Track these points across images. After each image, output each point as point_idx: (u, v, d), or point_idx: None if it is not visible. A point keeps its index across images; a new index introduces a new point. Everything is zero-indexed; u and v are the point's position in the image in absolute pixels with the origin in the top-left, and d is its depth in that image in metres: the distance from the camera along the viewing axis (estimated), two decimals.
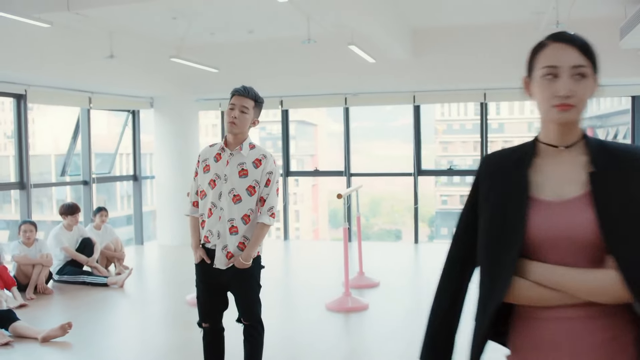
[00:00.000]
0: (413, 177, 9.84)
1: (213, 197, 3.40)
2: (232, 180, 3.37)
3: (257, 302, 3.53)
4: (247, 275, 3.42)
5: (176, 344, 5.05)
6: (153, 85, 9.30)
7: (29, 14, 5.33)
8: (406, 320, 5.72)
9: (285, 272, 8.43)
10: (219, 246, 3.39)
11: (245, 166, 3.38)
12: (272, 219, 3.41)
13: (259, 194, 3.39)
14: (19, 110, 7.90)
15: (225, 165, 3.40)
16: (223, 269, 3.39)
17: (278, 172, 3.48)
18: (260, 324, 3.55)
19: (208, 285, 3.49)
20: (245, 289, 3.46)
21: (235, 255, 3.38)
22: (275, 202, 3.44)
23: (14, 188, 8.02)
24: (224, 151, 3.42)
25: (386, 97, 9.90)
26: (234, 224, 3.37)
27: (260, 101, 3.45)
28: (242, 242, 3.39)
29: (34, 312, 5.98)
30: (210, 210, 3.41)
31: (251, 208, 3.39)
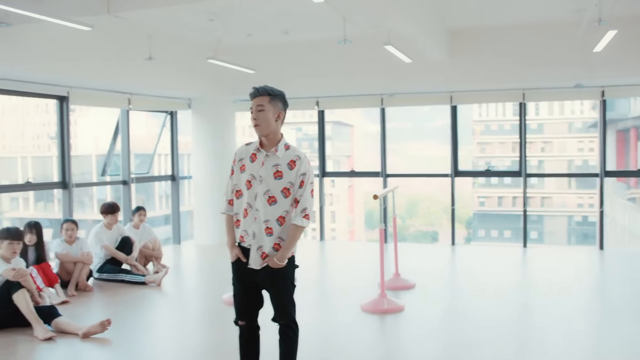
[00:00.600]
0: (450, 178, 9.74)
1: (249, 197, 3.42)
2: (267, 182, 3.38)
3: (291, 302, 3.53)
4: (281, 275, 3.43)
5: (212, 343, 5.09)
6: (190, 87, 9.41)
7: (71, 17, 5.44)
8: (443, 323, 5.66)
9: (320, 273, 8.43)
10: (254, 246, 3.41)
11: (280, 168, 3.38)
12: (305, 220, 3.39)
13: (293, 195, 3.40)
14: (61, 112, 8.09)
15: (260, 166, 3.40)
16: (257, 269, 3.41)
17: (312, 173, 3.46)
18: (295, 324, 3.55)
19: (244, 283, 3.51)
20: (280, 289, 3.47)
21: (270, 256, 3.39)
22: (309, 203, 3.42)
23: (57, 187, 8.21)
24: (260, 152, 3.44)
25: (423, 98, 9.82)
26: (269, 225, 3.38)
27: (275, 93, 3.42)
28: (277, 243, 3.40)
29: (74, 308, 6.11)
30: (245, 210, 3.43)
31: (286, 209, 3.39)
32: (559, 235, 22.68)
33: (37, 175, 16.50)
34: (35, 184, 8.22)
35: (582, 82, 8.58)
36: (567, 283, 7.07)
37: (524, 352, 4.75)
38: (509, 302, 6.26)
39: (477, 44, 8.51)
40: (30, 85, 7.54)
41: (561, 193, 22.71)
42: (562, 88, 9.03)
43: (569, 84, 8.74)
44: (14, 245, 5.50)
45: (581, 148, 22.81)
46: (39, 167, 16.54)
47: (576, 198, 22.69)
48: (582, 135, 22.53)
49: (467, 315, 5.81)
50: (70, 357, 4.80)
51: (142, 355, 4.80)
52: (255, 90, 3.42)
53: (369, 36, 7.97)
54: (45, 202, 15.13)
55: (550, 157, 23.29)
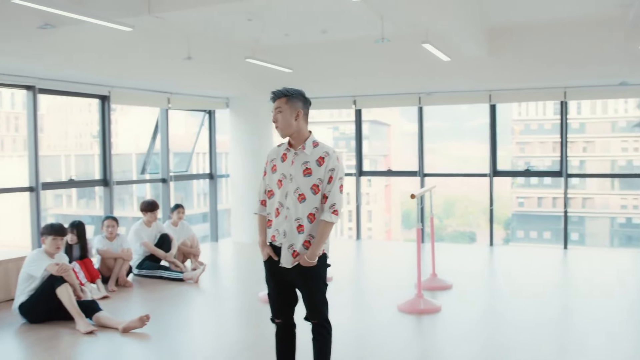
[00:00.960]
0: (488, 178, 9.61)
1: (280, 196, 3.45)
2: (297, 180, 3.40)
3: (324, 301, 3.52)
4: (313, 274, 3.43)
5: (249, 341, 5.13)
6: (229, 86, 9.49)
7: (112, 18, 5.54)
8: (480, 324, 5.59)
9: (356, 272, 8.42)
10: (285, 245, 3.43)
11: (309, 165, 3.40)
12: (334, 216, 3.38)
13: (322, 191, 3.40)
14: (103, 111, 8.26)
15: (290, 164, 3.43)
16: (289, 267, 3.42)
17: (341, 169, 3.45)
18: (328, 323, 3.54)
19: (277, 282, 3.54)
20: (311, 288, 3.47)
21: (301, 254, 3.39)
22: (337, 199, 3.40)
23: (99, 185, 8.39)
24: (289, 151, 3.47)
25: (461, 97, 9.71)
26: (300, 222, 3.40)
27: (291, 93, 3.45)
28: (307, 240, 3.40)
29: (114, 303, 6.23)
30: (277, 209, 3.46)
31: (316, 206, 3.40)
32: (601, 237, 22.15)
33: (79, 173, 16.89)
34: (78, 181, 8.42)
35: (627, 80, 8.35)
36: (609, 285, 6.90)
37: (563, 354, 4.66)
38: (549, 304, 6.14)
39: (517, 41, 8.37)
40: (73, 85, 7.73)
41: (604, 194, 22.17)
42: (606, 86, 8.81)
43: (613, 81, 8.51)
44: (57, 240, 5.63)
45: (625, 148, 22.22)
46: (82, 165, 16.93)
47: (619, 199, 22.12)
48: (626, 134, 21.94)
49: (505, 317, 5.72)
50: (111, 351, 4.90)
51: (180, 351, 4.87)
52: (272, 93, 3.47)
53: (406, 34, 7.92)
54: (87, 200, 15.48)
55: (593, 157, 22.75)
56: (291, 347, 3.65)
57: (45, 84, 7.35)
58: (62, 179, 9.35)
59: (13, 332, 5.35)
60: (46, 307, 5.44)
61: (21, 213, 11.87)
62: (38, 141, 7.47)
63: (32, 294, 5.49)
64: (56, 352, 4.81)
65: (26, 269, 5.53)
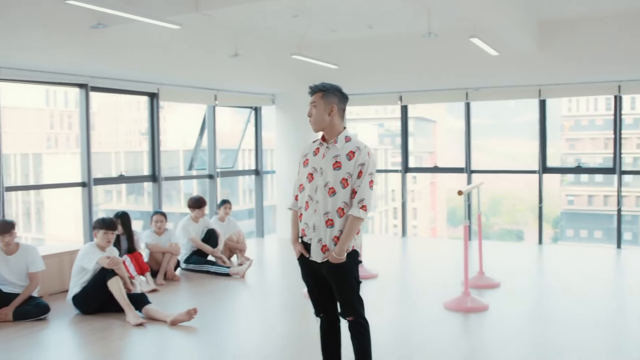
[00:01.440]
0: (538, 175, 9.40)
1: (310, 190, 3.45)
2: (327, 173, 3.40)
3: (357, 298, 3.48)
4: (343, 270, 3.40)
5: (294, 335, 5.16)
6: (275, 82, 9.54)
7: (161, 16, 5.64)
8: (529, 323, 5.48)
9: (402, 269, 8.36)
10: (315, 239, 3.43)
11: (339, 158, 3.39)
12: (362, 212, 3.34)
13: (351, 185, 3.38)
14: (152, 108, 8.42)
15: (321, 158, 3.44)
16: (319, 262, 3.42)
17: (372, 165, 3.41)
18: (364, 320, 3.50)
19: (313, 278, 3.55)
20: (342, 284, 3.44)
21: (330, 250, 3.38)
22: (367, 194, 3.36)
23: (147, 181, 8.56)
24: (322, 145, 3.48)
25: (509, 92, 9.50)
26: (329, 217, 3.39)
27: (327, 88, 3.46)
28: (337, 235, 3.39)
29: (163, 296, 6.35)
30: (307, 203, 3.46)
31: (345, 201, 3.37)
32: None
33: (128, 170, 17.27)
34: (128, 177, 8.60)
35: None
36: None
37: (615, 355, 4.53)
38: (601, 304, 5.97)
39: (569, 34, 8.15)
40: (123, 83, 7.89)
41: None
42: None
43: None
44: (108, 234, 5.77)
45: None
46: (131, 161, 17.32)
47: None
48: None
49: (555, 317, 5.59)
50: (159, 343, 4.99)
51: (226, 345, 4.93)
52: (309, 88, 3.50)
53: (453, 29, 7.80)
54: (136, 195, 15.83)
55: None
56: (336, 341, 3.65)
57: (97, 82, 7.53)
58: (112, 175, 9.62)
59: (67, 322, 5.51)
60: (98, 299, 5.59)
61: (73, 208, 12.22)
62: (90, 138, 7.65)
63: (84, 286, 5.64)
64: (108, 342, 4.93)
65: (79, 262, 5.69)
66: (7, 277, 5.59)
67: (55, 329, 5.34)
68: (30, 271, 5.67)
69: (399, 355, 4.57)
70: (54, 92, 17.69)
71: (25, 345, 4.90)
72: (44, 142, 18.50)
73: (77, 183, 7.67)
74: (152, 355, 4.73)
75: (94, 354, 4.73)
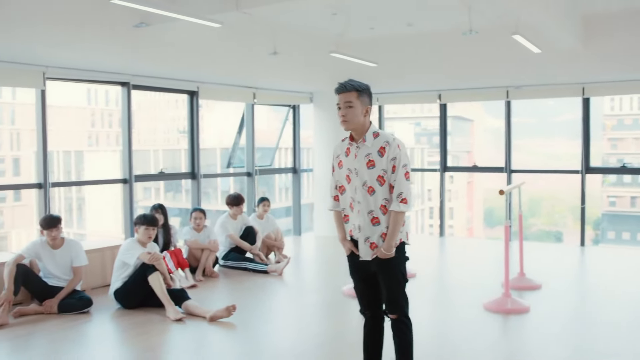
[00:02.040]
0: (580, 175, 9.20)
1: (350, 191, 3.45)
2: (362, 173, 3.39)
3: (402, 295, 3.47)
4: (391, 266, 3.40)
5: (331, 335, 5.15)
6: (313, 80, 9.54)
7: (202, 15, 5.68)
8: (571, 325, 5.37)
9: (440, 269, 8.29)
10: (361, 239, 3.43)
11: (371, 157, 3.37)
12: (403, 205, 3.31)
13: (388, 181, 3.35)
14: (191, 106, 8.51)
15: (354, 158, 3.42)
16: (369, 260, 3.42)
17: (404, 156, 3.36)
18: (408, 319, 3.49)
19: (360, 276, 3.55)
20: (390, 281, 3.44)
21: (378, 247, 3.38)
22: (404, 187, 3.33)
23: (187, 178, 8.67)
24: (351, 145, 3.46)
25: (552, 90, 9.31)
26: (374, 215, 3.38)
27: (363, 88, 3.41)
28: (384, 232, 3.38)
29: (201, 292, 6.41)
30: (351, 204, 3.47)
31: (386, 197, 3.36)
32: None
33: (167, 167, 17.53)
34: (168, 174, 8.72)
35: None
36: None
37: None
38: None
39: (615, 30, 7.91)
40: (164, 81, 8.00)
41: None
42: None
43: None
44: (149, 230, 5.86)
45: None
46: (169, 159, 17.55)
47: None
48: None
49: (597, 320, 5.46)
50: (199, 338, 5.04)
51: (264, 342, 4.96)
52: (343, 85, 3.41)
53: (494, 26, 7.67)
54: (174, 193, 16.03)
55: None
56: (378, 340, 3.64)
57: (138, 81, 7.65)
58: (151, 172, 9.77)
59: (109, 315, 5.62)
60: (139, 293, 5.68)
61: (112, 204, 12.44)
62: (132, 135, 7.78)
63: (125, 280, 5.74)
64: (148, 337, 5.00)
65: (121, 257, 5.79)
66: (52, 271, 5.73)
67: (97, 323, 5.45)
68: (74, 265, 5.80)
69: (438, 356, 4.53)
70: (95, 91, 18.05)
71: (69, 337, 5.01)
72: (86, 140, 18.91)
73: (119, 180, 7.81)
74: (191, 350, 4.78)
75: (134, 348, 4.81)
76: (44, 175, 6.81)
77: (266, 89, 9.46)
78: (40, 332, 5.14)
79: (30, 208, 14.67)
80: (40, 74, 6.61)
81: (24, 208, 15.89)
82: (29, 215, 14.92)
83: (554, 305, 5.94)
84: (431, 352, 4.55)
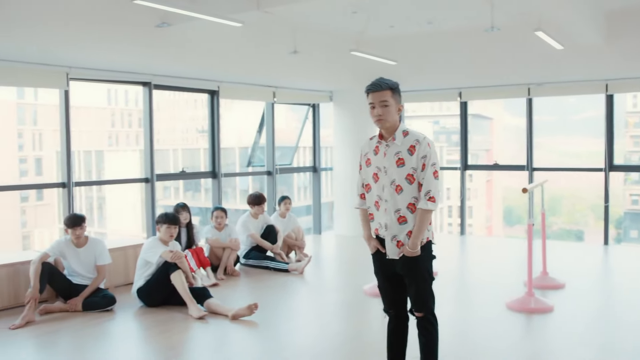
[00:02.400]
0: (604, 173, 9.08)
1: (377, 190, 3.44)
2: (391, 172, 3.37)
3: (429, 293, 3.46)
4: (417, 264, 3.38)
5: (351, 334, 5.14)
6: (333, 79, 9.53)
7: (223, 14, 5.70)
8: (596, 326, 5.31)
9: (461, 267, 8.24)
10: (388, 237, 3.42)
11: (401, 155, 3.36)
12: (431, 203, 3.30)
13: (417, 179, 3.34)
14: (212, 105, 8.55)
15: (383, 157, 3.41)
16: (396, 258, 3.41)
17: (433, 155, 3.34)
18: (434, 317, 3.48)
19: (385, 274, 3.53)
20: (416, 278, 3.42)
21: (405, 244, 3.37)
22: (432, 185, 3.31)
23: (207, 177, 8.71)
24: (380, 143, 3.45)
25: (574, 87, 9.20)
26: (401, 214, 3.37)
27: (396, 86, 3.41)
28: (411, 230, 3.37)
29: (223, 291, 6.44)
30: (376, 203, 3.46)
31: (414, 196, 3.35)
32: None
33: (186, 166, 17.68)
34: (189, 173, 8.77)
35: None
36: None
37: None
38: None
39: (638, 25, 7.81)
40: (185, 81, 8.04)
41: None
42: None
43: None
44: (171, 229, 5.89)
45: None
46: (188, 158, 17.67)
47: None
48: None
49: (623, 320, 5.39)
50: (221, 336, 5.07)
51: (286, 341, 4.97)
52: (377, 84, 3.40)
53: (516, 22, 7.60)
54: (193, 192, 16.14)
55: None
56: (402, 339, 3.62)
57: (160, 80, 7.70)
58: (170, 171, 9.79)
59: (132, 313, 5.66)
60: (161, 292, 5.72)
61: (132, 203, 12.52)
62: (153, 135, 7.83)
63: (148, 279, 5.78)
64: (171, 335, 5.03)
65: (143, 256, 5.83)
66: (76, 269, 5.79)
67: (120, 320, 5.50)
68: (97, 264, 5.86)
69: (461, 354, 4.50)
70: (115, 91, 18.23)
71: (92, 334, 5.07)
72: (106, 139, 19.11)
73: (141, 179, 7.87)
74: (213, 348, 4.81)
75: (158, 346, 4.84)
76: (67, 175, 6.89)
77: (286, 87, 9.48)
78: (66, 329, 5.20)
79: (53, 207, 14.86)
80: (63, 75, 6.68)
81: (47, 207, 16.11)
82: (51, 214, 15.13)
83: (578, 305, 5.88)
84: (453, 350, 4.53)
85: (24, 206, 15.82)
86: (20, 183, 14.40)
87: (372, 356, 4.45)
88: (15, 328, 5.15)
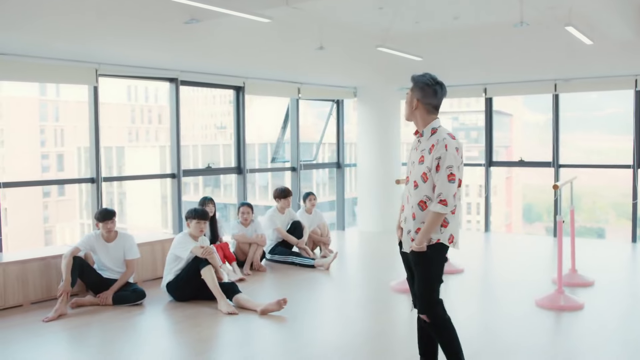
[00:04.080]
0: (632, 169, 8.97)
1: (407, 184, 3.51)
2: (415, 167, 3.44)
3: (429, 295, 3.41)
4: (421, 263, 3.38)
5: (377, 331, 5.12)
6: (357, 75, 9.51)
7: (252, 10, 5.71)
8: (628, 322, 5.26)
9: (487, 264, 8.20)
10: (405, 230, 3.48)
11: (424, 152, 3.39)
12: (440, 206, 3.28)
13: (431, 180, 3.34)
14: (238, 101, 8.57)
15: (415, 151, 3.48)
16: (408, 252, 3.46)
17: (450, 157, 3.29)
18: (437, 319, 3.44)
19: (408, 267, 3.58)
20: (418, 277, 3.43)
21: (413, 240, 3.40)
22: (445, 188, 3.28)
23: (233, 173, 8.73)
24: (415, 138, 3.52)
25: (602, 83, 9.06)
26: (413, 210, 3.41)
27: (415, 81, 3.51)
28: (419, 227, 3.39)
29: (250, 286, 6.46)
30: (407, 196, 3.52)
31: (427, 194, 3.35)
32: None
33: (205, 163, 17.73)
34: (215, 169, 8.81)
35: None
36: None
37: None
38: None
39: None
40: (211, 77, 8.07)
41: None
42: None
43: None
44: (201, 224, 5.92)
45: None
46: (208, 154, 17.72)
47: None
48: None
49: None
50: (250, 331, 5.08)
51: (313, 336, 4.98)
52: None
53: (545, 17, 7.52)
54: (213, 187, 16.19)
55: None
56: (429, 334, 3.60)
57: (186, 76, 7.73)
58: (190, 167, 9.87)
59: (161, 308, 5.70)
60: (191, 286, 5.75)
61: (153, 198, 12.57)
62: (180, 131, 7.87)
63: (178, 274, 5.82)
64: (201, 329, 5.06)
65: (173, 251, 5.87)
66: (105, 263, 5.84)
67: (150, 314, 5.54)
68: (127, 258, 5.90)
69: (491, 352, 4.47)
70: (135, 88, 18.33)
71: (122, 328, 5.12)
72: (126, 135, 19.23)
73: (167, 174, 7.92)
74: (243, 343, 4.82)
75: (187, 340, 4.87)
76: (96, 170, 6.94)
77: (311, 83, 9.47)
78: (97, 322, 5.26)
79: (74, 202, 14.99)
80: (92, 71, 6.73)
81: (68, 202, 16.25)
82: (73, 209, 15.26)
83: (608, 302, 5.83)
84: (483, 348, 4.50)
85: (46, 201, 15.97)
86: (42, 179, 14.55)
87: (398, 353, 4.44)
88: (48, 321, 5.22)
